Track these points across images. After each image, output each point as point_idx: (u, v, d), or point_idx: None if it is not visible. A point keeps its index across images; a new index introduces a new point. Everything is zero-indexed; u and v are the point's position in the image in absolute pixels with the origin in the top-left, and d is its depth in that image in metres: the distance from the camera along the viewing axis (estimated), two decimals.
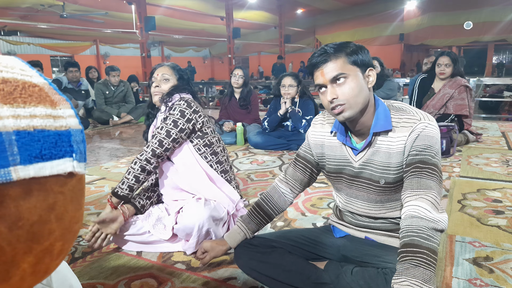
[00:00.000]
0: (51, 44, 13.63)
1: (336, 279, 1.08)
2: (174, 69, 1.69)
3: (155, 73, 1.67)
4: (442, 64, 3.30)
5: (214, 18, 13.68)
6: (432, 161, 0.98)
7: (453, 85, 3.30)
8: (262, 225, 1.28)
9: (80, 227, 0.33)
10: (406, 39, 15.72)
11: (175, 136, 1.54)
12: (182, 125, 1.56)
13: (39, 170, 0.27)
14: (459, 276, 1.31)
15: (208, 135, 1.66)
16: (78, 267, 1.44)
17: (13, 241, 0.27)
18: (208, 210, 1.46)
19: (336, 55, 1.01)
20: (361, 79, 1.02)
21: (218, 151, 1.68)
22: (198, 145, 1.63)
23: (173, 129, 1.54)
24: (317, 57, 1.03)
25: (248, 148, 3.56)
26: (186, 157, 1.60)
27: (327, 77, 1.01)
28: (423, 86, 3.53)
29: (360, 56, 1.03)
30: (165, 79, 1.65)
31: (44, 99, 0.29)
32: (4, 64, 0.29)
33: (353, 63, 1.01)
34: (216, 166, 1.66)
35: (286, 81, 3.39)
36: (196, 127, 1.61)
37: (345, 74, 1.00)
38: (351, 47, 1.03)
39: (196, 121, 1.60)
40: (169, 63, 1.74)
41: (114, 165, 3.06)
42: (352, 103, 1.01)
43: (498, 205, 1.97)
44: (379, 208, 1.13)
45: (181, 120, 1.56)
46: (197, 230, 1.42)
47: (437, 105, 3.36)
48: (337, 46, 1.03)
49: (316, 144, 1.21)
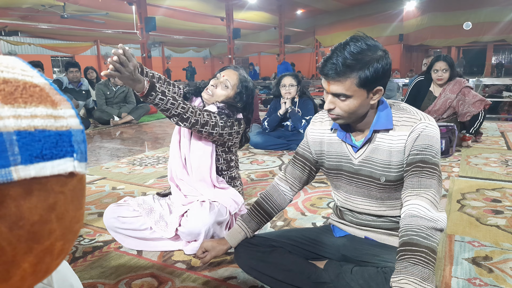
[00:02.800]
0: (51, 44, 13.63)
1: (336, 278, 1.08)
2: (240, 80, 1.61)
3: (220, 73, 1.61)
4: (439, 69, 3.21)
5: (214, 18, 13.69)
6: (432, 160, 0.99)
7: (453, 88, 3.22)
8: (262, 223, 1.28)
9: (80, 227, 0.33)
10: (406, 40, 15.72)
11: (220, 124, 1.49)
12: (226, 128, 1.52)
13: (40, 170, 0.28)
14: (459, 275, 1.32)
15: (233, 154, 1.68)
16: (79, 267, 1.44)
17: (13, 241, 0.27)
18: (213, 215, 1.46)
19: (346, 74, 0.96)
20: (364, 99, 1.01)
21: (232, 165, 1.69)
22: (220, 157, 1.64)
23: (222, 122, 1.50)
24: (328, 69, 0.99)
25: (248, 148, 3.57)
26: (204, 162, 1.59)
27: (330, 90, 1.01)
28: (419, 90, 3.42)
29: (374, 71, 0.96)
30: (226, 86, 1.58)
31: (45, 99, 0.29)
32: (5, 65, 0.29)
33: (361, 85, 0.98)
34: (225, 172, 1.67)
35: (286, 80, 3.39)
36: (228, 143, 1.61)
37: (348, 95, 1.00)
38: (369, 60, 0.95)
39: (233, 139, 1.60)
40: (242, 72, 1.65)
41: (115, 165, 3.06)
42: (346, 116, 1.04)
43: (497, 205, 1.97)
44: (379, 205, 1.14)
45: (227, 128, 1.53)
46: (203, 236, 1.44)
47: (440, 111, 3.27)
48: (352, 60, 0.95)
49: (314, 142, 1.21)
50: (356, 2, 14.89)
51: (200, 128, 1.45)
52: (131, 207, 1.60)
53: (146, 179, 2.62)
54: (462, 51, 17.30)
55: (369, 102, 1.03)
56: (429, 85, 3.36)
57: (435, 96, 3.33)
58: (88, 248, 1.61)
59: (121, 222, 1.56)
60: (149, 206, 1.61)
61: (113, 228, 1.58)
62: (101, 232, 1.75)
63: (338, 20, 16.00)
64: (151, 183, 2.53)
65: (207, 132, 1.48)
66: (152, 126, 5.40)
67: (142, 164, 3.07)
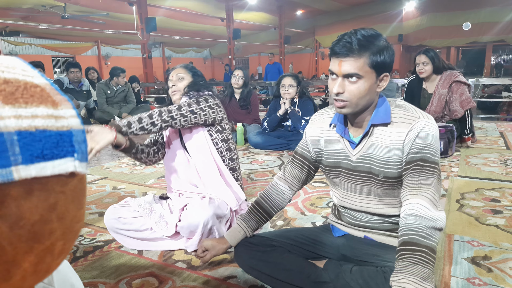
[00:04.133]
0: (52, 44, 13.62)
1: (336, 278, 1.08)
2: (187, 68, 1.74)
3: (170, 76, 1.72)
4: (419, 63, 3.24)
5: (214, 19, 13.68)
6: (432, 159, 0.99)
7: (444, 83, 3.20)
8: (262, 223, 1.28)
9: (81, 227, 0.34)
10: (405, 40, 15.71)
11: (194, 109, 1.58)
12: (204, 106, 1.60)
13: (41, 170, 0.28)
14: (458, 275, 1.32)
15: (226, 131, 1.71)
16: (80, 266, 1.44)
17: (14, 240, 0.27)
18: (212, 207, 1.47)
19: (360, 52, 0.98)
20: (373, 83, 1.02)
21: (232, 148, 1.72)
22: (216, 140, 1.66)
23: (194, 105, 1.59)
24: (341, 47, 0.99)
25: (248, 148, 3.57)
26: (202, 147, 1.62)
27: (342, 70, 1.00)
28: (412, 88, 3.43)
29: (383, 57, 1.00)
30: (180, 78, 1.69)
31: (45, 100, 0.29)
32: (5, 65, 0.30)
33: (372, 66, 0.99)
34: (228, 162, 1.69)
35: (286, 81, 3.40)
36: (217, 118, 1.65)
37: (360, 75, 1.00)
38: (379, 45, 0.99)
39: (217, 113, 1.65)
40: (181, 64, 1.78)
41: (116, 165, 3.06)
42: (354, 102, 1.02)
43: (497, 204, 1.97)
44: (377, 202, 1.13)
45: (204, 103, 1.61)
46: (201, 227, 1.44)
47: (437, 109, 3.26)
48: (365, 41, 0.98)
49: (313, 140, 1.21)
50: (356, 2, 14.88)
51: (174, 121, 1.54)
52: (132, 207, 1.60)
53: (147, 179, 2.63)
54: (462, 52, 17.27)
55: (375, 89, 1.04)
56: (421, 83, 3.37)
57: (430, 94, 3.31)
58: (88, 247, 1.61)
59: (121, 223, 1.56)
60: (150, 206, 1.61)
61: (114, 229, 1.58)
62: (102, 232, 1.75)
63: (338, 20, 15.99)
64: (152, 183, 2.54)
65: (187, 113, 1.56)
66: None
67: (143, 164, 3.07)
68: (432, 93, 3.29)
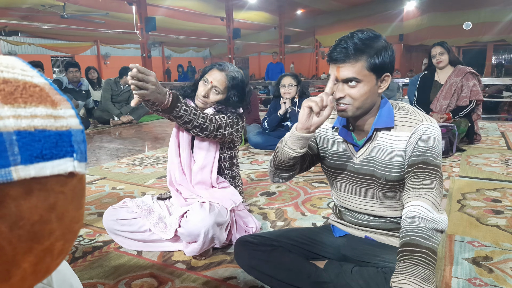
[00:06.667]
0: (51, 44, 13.62)
1: (336, 278, 1.08)
2: (229, 82, 1.56)
3: (209, 77, 1.55)
4: (436, 54, 3.34)
5: (214, 18, 13.67)
6: (434, 162, 0.99)
7: (458, 73, 3.30)
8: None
9: (80, 227, 0.33)
10: (406, 40, 15.70)
11: (230, 123, 1.53)
12: (234, 125, 1.56)
13: (40, 170, 0.28)
14: (459, 275, 1.32)
15: (236, 149, 1.71)
16: (79, 267, 1.44)
17: (13, 240, 0.27)
18: (213, 216, 1.44)
19: (356, 57, 0.98)
20: (373, 85, 1.02)
21: (234, 161, 1.72)
22: (224, 155, 1.66)
23: (230, 120, 1.53)
24: (338, 54, 1.00)
25: (248, 148, 3.57)
26: (208, 156, 1.61)
27: (340, 75, 1.01)
28: (424, 82, 3.51)
29: (382, 59, 0.99)
30: (217, 91, 1.55)
31: (45, 99, 0.29)
32: (5, 64, 0.29)
33: (371, 68, 0.99)
34: (227, 172, 1.69)
35: (286, 80, 3.40)
36: (234, 139, 1.64)
37: (359, 79, 1.00)
38: (377, 47, 0.99)
39: (239, 134, 1.63)
40: (228, 70, 1.56)
41: (115, 165, 3.06)
42: (356, 105, 1.02)
43: (498, 205, 1.97)
44: (379, 205, 1.13)
45: (235, 125, 1.56)
46: (203, 237, 1.42)
47: (447, 96, 3.32)
48: (362, 45, 0.98)
49: (320, 137, 1.21)
50: (356, 2, 14.88)
51: (216, 133, 1.49)
52: (130, 208, 1.59)
53: (146, 179, 2.62)
54: (462, 51, 17.28)
55: (377, 91, 1.03)
56: (433, 76, 3.46)
57: (441, 84, 3.39)
58: (88, 248, 1.61)
59: (120, 225, 1.55)
60: (148, 207, 1.61)
61: (113, 230, 1.57)
62: (101, 232, 1.75)
63: (338, 20, 15.98)
64: (151, 183, 2.53)
65: (221, 134, 1.51)
66: (152, 126, 5.41)
67: (142, 164, 3.07)
68: (444, 83, 3.37)
